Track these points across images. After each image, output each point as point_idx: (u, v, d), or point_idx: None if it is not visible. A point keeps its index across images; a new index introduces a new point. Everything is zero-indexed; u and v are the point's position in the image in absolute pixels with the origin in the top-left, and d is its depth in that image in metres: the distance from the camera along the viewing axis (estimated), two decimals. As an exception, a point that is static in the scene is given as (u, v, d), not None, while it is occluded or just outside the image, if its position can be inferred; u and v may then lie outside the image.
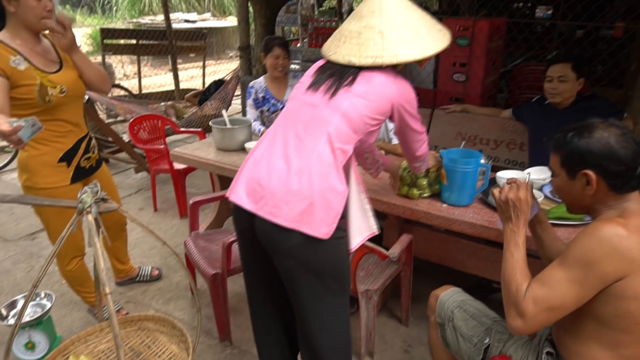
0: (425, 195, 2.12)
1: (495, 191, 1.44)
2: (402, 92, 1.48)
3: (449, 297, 1.63)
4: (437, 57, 3.69)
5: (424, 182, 2.10)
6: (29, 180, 2.02)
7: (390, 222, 2.40)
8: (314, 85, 1.49)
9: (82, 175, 2.13)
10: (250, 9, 4.45)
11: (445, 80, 3.67)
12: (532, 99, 2.88)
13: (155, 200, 3.71)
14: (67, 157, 2.05)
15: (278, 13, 4.33)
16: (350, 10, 6.70)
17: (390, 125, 2.67)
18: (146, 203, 3.81)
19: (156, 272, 2.80)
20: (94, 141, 2.23)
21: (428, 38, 1.46)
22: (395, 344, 2.25)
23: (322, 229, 1.35)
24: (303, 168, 1.37)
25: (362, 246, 1.82)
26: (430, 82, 3.83)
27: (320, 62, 1.57)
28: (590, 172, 1.21)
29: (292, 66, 4.90)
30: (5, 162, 4.72)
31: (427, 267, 2.50)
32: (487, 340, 1.46)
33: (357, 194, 1.52)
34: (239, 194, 1.45)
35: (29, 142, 1.83)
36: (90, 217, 1.59)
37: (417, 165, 1.86)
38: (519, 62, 4.80)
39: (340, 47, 1.48)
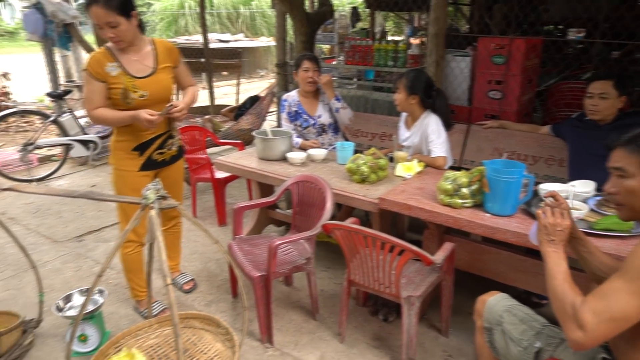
0: (468, 205, 2.15)
1: (540, 212, 1.47)
2: None
3: (497, 301, 1.65)
4: (473, 74, 3.78)
5: (467, 191, 2.14)
6: (111, 159, 2.34)
7: (430, 233, 2.43)
8: None
9: (152, 166, 2.36)
10: (289, 27, 4.62)
11: (480, 97, 3.72)
12: (571, 116, 2.89)
13: (195, 209, 3.82)
14: (140, 148, 2.30)
15: (317, 31, 4.48)
16: (382, 31, 6.84)
17: (431, 136, 2.73)
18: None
19: (187, 287, 2.79)
20: (173, 140, 2.41)
21: None
22: (435, 353, 2.26)
23: None
24: None
25: (408, 251, 1.87)
26: (465, 99, 3.88)
27: None
28: None
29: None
30: (52, 170, 4.95)
31: (463, 279, 2.51)
32: (537, 344, 1.47)
33: None
34: None
35: (115, 129, 2.31)
36: (153, 212, 1.69)
37: None
38: (555, 81, 4.80)
39: None
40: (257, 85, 11.05)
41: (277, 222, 3.29)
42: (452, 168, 2.88)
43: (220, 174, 3.60)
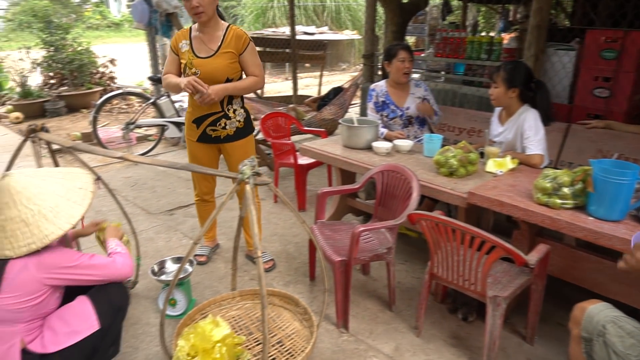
0: (568, 206, 2.00)
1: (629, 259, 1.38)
2: (44, 265, 1.58)
3: (599, 310, 1.52)
4: (576, 70, 3.50)
5: (568, 191, 1.99)
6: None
7: (520, 234, 2.29)
8: None
9: (207, 140, 2.62)
10: (379, 17, 4.56)
11: (584, 95, 3.44)
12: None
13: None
14: (197, 121, 2.59)
15: (409, 21, 4.39)
16: (475, 24, 6.55)
17: (528, 132, 2.57)
18: (267, 195, 4.05)
19: (266, 267, 2.86)
20: (227, 121, 2.58)
21: (70, 205, 1.64)
22: None
23: None
24: None
25: (500, 247, 1.78)
26: (565, 96, 3.61)
27: None
28: None
29: (414, 75, 4.92)
30: (148, 149, 5.35)
31: (553, 286, 2.34)
32: (648, 361, 1.34)
33: None
34: None
35: (189, 102, 2.63)
36: (248, 187, 1.77)
37: None
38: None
39: None
40: (339, 78, 11.11)
41: (356, 211, 3.29)
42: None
43: (302, 160, 3.67)
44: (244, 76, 2.59)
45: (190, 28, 2.52)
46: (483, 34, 4.35)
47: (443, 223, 1.92)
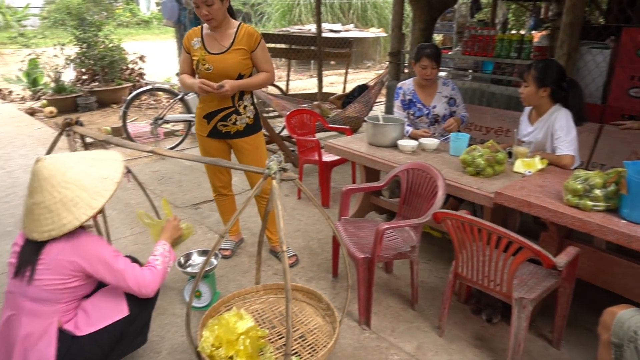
0: (599, 208, 1.95)
1: None
2: (77, 250, 1.64)
3: (630, 316, 1.48)
4: (611, 69, 3.40)
5: (600, 193, 1.94)
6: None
7: (548, 235, 2.24)
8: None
9: (217, 135, 2.67)
10: (406, 15, 4.52)
11: (618, 95, 3.34)
12: None
13: (299, 189, 3.96)
14: (208, 116, 2.63)
15: (437, 19, 4.34)
16: (505, 21, 6.43)
17: (559, 133, 2.51)
18: (291, 191, 4.09)
19: (290, 262, 2.87)
20: (237, 117, 2.63)
21: (92, 195, 1.66)
22: (543, 363, 2.10)
23: None
24: None
25: (527, 248, 1.75)
26: (598, 96, 3.51)
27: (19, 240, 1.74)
28: None
29: (441, 73, 4.85)
30: (175, 144, 5.45)
31: (581, 290, 2.29)
32: (681, 368, 1.30)
33: None
34: None
35: (199, 98, 2.68)
36: (274, 183, 1.79)
37: None
38: None
39: (26, 222, 1.67)
40: (364, 75, 11.06)
41: (380, 209, 3.29)
42: (577, 170, 2.63)
43: (327, 157, 3.68)
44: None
45: (202, 27, 2.58)
46: (513, 31, 4.25)
47: (469, 222, 1.90)
